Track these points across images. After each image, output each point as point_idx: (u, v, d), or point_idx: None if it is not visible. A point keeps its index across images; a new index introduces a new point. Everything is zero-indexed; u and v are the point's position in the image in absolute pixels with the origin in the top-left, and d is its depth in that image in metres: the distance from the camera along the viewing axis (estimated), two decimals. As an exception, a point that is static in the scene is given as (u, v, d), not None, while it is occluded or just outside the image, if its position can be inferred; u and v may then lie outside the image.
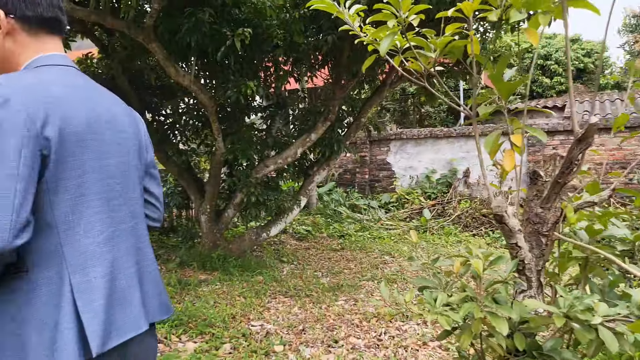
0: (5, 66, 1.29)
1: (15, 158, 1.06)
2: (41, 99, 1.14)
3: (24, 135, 1.08)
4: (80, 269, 1.18)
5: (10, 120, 1.08)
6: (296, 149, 6.00)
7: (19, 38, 1.27)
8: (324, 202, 10.13)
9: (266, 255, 6.68)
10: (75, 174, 1.18)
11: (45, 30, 1.30)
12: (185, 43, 4.63)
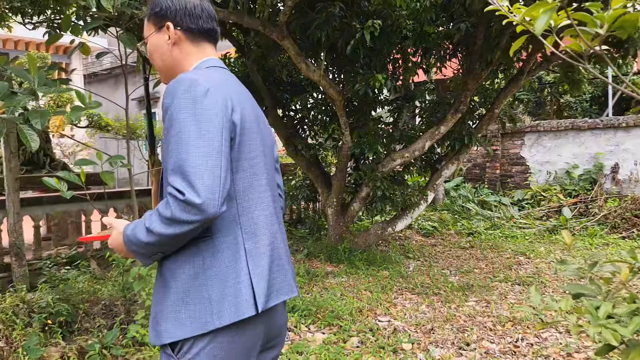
0: (171, 72, 1.50)
1: (219, 138, 1.25)
2: (227, 91, 1.34)
3: (223, 119, 1.27)
4: (252, 236, 1.37)
5: (213, 107, 1.27)
6: (424, 142, 5.83)
7: (184, 47, 1.48)
8: (450, 198, 9.77)
9: (392, 250, 6.60)
10: (249, 156, 1.38)
11: (204, 39, 1.50)
12: (315, 38, 4.70)
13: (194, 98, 1.26)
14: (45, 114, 2.67)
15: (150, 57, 1.50)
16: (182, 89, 1.27)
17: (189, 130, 1.23)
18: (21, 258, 5.26)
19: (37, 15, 4.95)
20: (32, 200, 5.67)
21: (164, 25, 1.46)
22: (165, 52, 1.47)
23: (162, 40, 1.47)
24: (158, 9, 1.47)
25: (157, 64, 1.50)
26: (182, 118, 1.25)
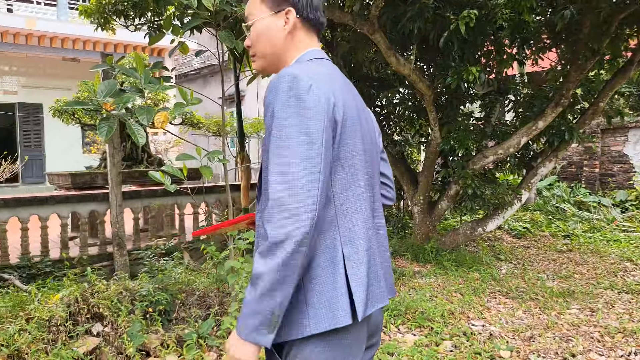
0: (274, 60, 1.43)
1: (321, 139, 1.19)
2: (330, 87, 1.27)
3: (325, 118, 1.21)
4: (350, 240, 1.29)
5: (316, 105, 1.21)
6: (519, 139, 5.51)
7: (297, 35, 1.41)
8: (543, 198, 9.23)
9: (481, 251, 6.32)
10: (349, 155, 1.29)
11: (316, 30, 1.45)
12: (407, 31, 4.57)
13: (297, 95, 1.20)
14: (151, 111, 2.77)
15: (256, 39, 1.41)
16: (285, 85, 1.21)
17: (290, 131, 1.18)
18: (122, 248, 5.58)
19: (138, 17, 5.21)
20: (132, 194, 6.00)
21: (284, 10, 1.38)
22: (277, 37, 1.39)
23: (276, 25, 1.38)
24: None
25: (262, 48, 1.40)
26: (283, 116, 1.20)
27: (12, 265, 5.14)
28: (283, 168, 1.16)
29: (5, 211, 5.19)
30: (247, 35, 1.45)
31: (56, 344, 3.20)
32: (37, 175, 15.34)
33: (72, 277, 4.44)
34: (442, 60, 5.12)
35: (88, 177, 6.60)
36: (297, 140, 1.18)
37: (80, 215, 5.67)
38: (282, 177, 1.16)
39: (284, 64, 1.41)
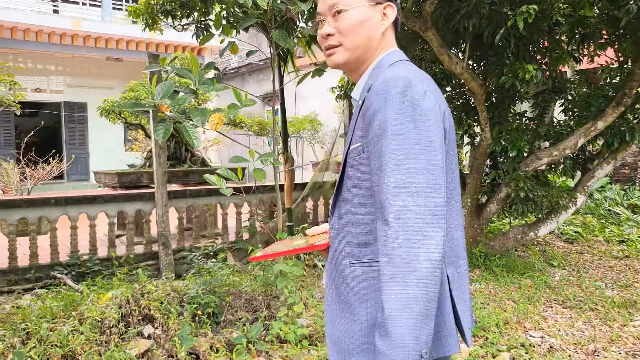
0: (362, 54, 1.30)
1: (441, 149, 1.09)
2: (436, 92, 1.17)
3: (442, 126, 1.12)
4: (453, 260, 1.21)
5: (433, 112, 1.10)
6: (577, 140, 5.26)
7: (388, 33, 1.32)
8: (595, 201, 8.84)
9: (533, 257, 6.08)
10: (450, 168, 1.19)
11: (395, 31, 1.36)
12: (461, 28, 4.40)
13: (412, 101, 1.09)
14: (205, 112, 2.72)
15: (349, 28, 1.26)
16: (398, 90, 1.10)
17: (409, 141, 1.06)
18: (167, 247, 5.61)
19: (185, 17, 5.20)
20: (177, 193, 6.02)
21: (382, 4, 1.28)
22: (374, 31, 1.27)
23: (374, 17, 1.27)
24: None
25: (354, 40, 1.27)
26: (398, 125, 1.08)
27: (62, 263, 5.23)
28: (405, 183, 1.04)
29: (56, 210, 5.28)
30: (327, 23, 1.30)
31: (109, 346, 3.20)
32: (82, 172, 15.76)
33: (121, 276, 4.47)
34: (496, 58, 4.92)
35: (134, 176, 6.67)
36: (417, 151, 1.06)
37: (126, 214, 5.72)
38: (405, 193, 1.04)
39: (367, 62, 1.30)
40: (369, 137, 1.13)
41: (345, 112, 7.40)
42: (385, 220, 1.05)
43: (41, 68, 15.43)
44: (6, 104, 6.31)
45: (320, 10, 1.32)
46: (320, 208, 7.32)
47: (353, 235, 1.20)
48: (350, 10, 1.26)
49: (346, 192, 1.23)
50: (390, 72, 1.16)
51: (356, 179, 1.20)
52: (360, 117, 1.19)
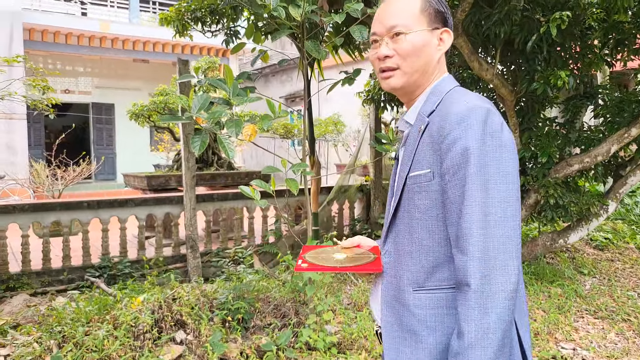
0: (418, 78, 1.31)
1: (517, 180, 1.12)
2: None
3: (517, 157, 1.15)
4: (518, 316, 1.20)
5: (510, 144, 1.14)
6: (609, 146, 5.16)
7: (442, 58, 1.33)
8: (625, 206, 8.67)
9: (562, 264, 5.99)
10: None
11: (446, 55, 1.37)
12: (492, 34, 4.36)
13: (492, 132, 1.11)
14: (240, 124, 2.75)
15: (410, 52, 1.27)
16: (479, 119, 1.12)
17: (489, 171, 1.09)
18: (195, 250, 5.68)
19: (215, 24, 5.26)
20: (205, 197, 6.10)
21: (442, 29, 1.30)
22: (432, 56, 1.29)
23: (432, 42, 1.29)
24: (442, 9, 1.31)
25: (413, 64, 1.27)
26: (480, 154, 1.10)
27: (94, 265, 5.34)
28: (484, 214, 1.07)
29: (88, 212, 5.39)
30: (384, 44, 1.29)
31: (142, 351, 3.26)
32: (109, 172, 16.05)
33: (152, 279, 4.55)
34: (527, 64, 4.86)
35: (162, 179, 6.77)
36: (495, 181, 1.08)
37: (155, 217, 5.82)
38: (484, 223, 1.07)
39: (422, 87, 1.31)
40: (446, 165, 1.15)
41: (371, 116, 7.38)
42: (465, 250, 1.08)
43: (70, 70, 15.75)
44: (40, 108, 6.47)
45: (377, 31, 1.31)
46: (345, 212, 7.33)
47: (418, 262, 1.21)
48: (411, 34, 1.26)
49: (408, 218, 1.24)
50: (465, 99, 1.18)
51: (423, 206, 1.20)
52: (428, 145, 1.20)
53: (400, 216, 1.27)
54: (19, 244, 5.37)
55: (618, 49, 5.04)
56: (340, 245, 1.54)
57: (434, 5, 1.29)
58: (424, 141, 1.21)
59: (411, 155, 1.24)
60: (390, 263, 1.30)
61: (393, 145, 3.84)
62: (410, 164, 1.24)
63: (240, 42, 3.81)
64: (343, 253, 1.50)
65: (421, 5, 1.28)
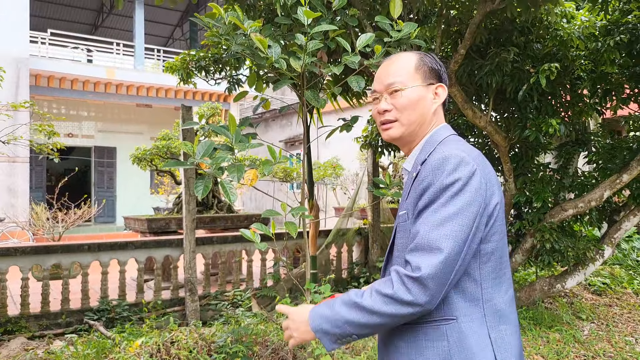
0: (415, 129, 1.43)
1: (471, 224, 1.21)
2: (485, 171, 1.29)
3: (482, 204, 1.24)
4: (495, 324, 1.28)
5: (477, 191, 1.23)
6: (602, 192, 5.27)
7: (438, 110, 1.45)
8: (622, 251, 8.71)
9: (560, 309, 5.99)
10: (497, 238, 1.30)
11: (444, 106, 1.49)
12: (484, 84, 4.55)
13: (461, 178, 1.22)
14: (241, 169, 2.86)
15: (405, 106, 1.40)
16: (450, 167, 1.23)
17: (448, 210, 1.20)
18: (194, 294, 5.69)
19: (218, 72, 5.47)
20: (204, 239, 6.15)
21: (436, 84, 1.43)
22: (427, 109, 1.41)
23: (427, 97, 1.41)
24: (436, 67, 1.44)
25: (409, 117, 1.40)
26: (444, 197, 1.21)
27: (92, 308, 5.33)
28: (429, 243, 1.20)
29: (89, 255, 5.43)
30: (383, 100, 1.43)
31: (140, 395, 3.25)
32: (109, 214, 16.09)
33: (150, 323, 4.55)
34: (520, 112, 5.04)
35: (163, 222, 6.84)
36: (451, 222, 1.19)
37: (155, 260, 5.85)
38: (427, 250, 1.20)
39: (420, 137, 1.43)
40: (418, 206, 1.27)
41: (369, 160, 7.53)
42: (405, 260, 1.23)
43: (74, 114, 16.06)
44: (45, 153, 6.61)
45: (377, 88, 1.46)
46: (343, 255, 7.36)
47: None
48: (406, 90, 1.40)
49: (396, 257, 1.35)
50: (446, 149, 1.30)
51: (400, 245, 1.32)
52: (413, 189, 1.31)
53: (392, 255, 1.40)
54: (17, 286, 5.39)
55: (607, 98, 5.23)
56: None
57: (428, 63, 1.43)
58: (413, 186, 1.33)
59: (404, 200, 1.37)
60: None
61: (390, 189, 3.94)
62: (402, 207, 1.37)
63: (242, 91, 3.96)
64: None
65: (416, 63, 1.42)
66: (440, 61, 1.48)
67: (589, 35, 4.61)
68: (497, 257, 1.30)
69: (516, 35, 4.72)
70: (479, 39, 4.61)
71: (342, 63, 3.18)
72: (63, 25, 18.23)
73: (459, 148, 1.30)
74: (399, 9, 2.99)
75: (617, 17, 4.79)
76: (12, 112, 7.79)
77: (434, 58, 1.46)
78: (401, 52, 1.50)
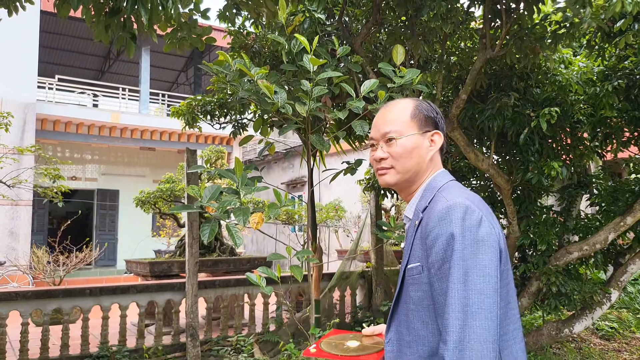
0: (412, 177, 1.44)
1: (496, 273, 1.19)
2: (489, 216, 1.29)
3: (497, 251, 1.23)
4: None
5: (489, 238, 1.22)
6: (606, 235, 5.25)
7: (435, 157, 1.45)
8: (629, 294, 8.59)
9: (569, 355, 5.86)
10: (504, 283, 1.28)
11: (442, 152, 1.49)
12: (486, 128, 4.61)
13: (470, 227, 1.22)
14: (247, 212, 2.87)
15: (401, 154, 1.41)
16: (457, 216, 1.23)
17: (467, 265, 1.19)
18: (195, 339, 5.59)
19: (223, 116, 5.56)
20: (207, 283, 6.09)
21: (432, 131, 1.44)
22: (423, 156, 1.42)
23: (423, 144, 1.42)
24: (432, 115, 1.45)
25: (405, 164, 1.41)
26: (459, 249, 1.20)
27: (92, 354, 5.23)
28: (462, 304, 1.16)
29: (90, 300, 5.38)
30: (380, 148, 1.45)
31: None
32: (110, 258, 15.99)
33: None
34: (521, 155, 5.09)
35: (165, 266, 6.79)
36: (473, 274, 1.18)
37: (157, 304, 5.78)
38: (462, 314, 1.15)
39: (417, 183, 1.44)
40: (431, 259, 1.25)
41: (372, 203, 7.54)
42: (445, 340, 1.15)
43: (78, 157, 16.20)
44: (49, 196, 6.64)
45: (374, 136, 1.48)
46: (347, 299, 7.27)
47: (415, 352, 1.28)
48: (402, 139, 1.41)
49: (406, 309, 1.32)
50: (449, 197, 1.30)
51: (416, 297, 1.29)
52: (419, 239, 1.31)
53: (400, 307, 1.36)
54: (16, 332, 5.30)
55: (607, 141, 5.29)
56: (363, 333, 1.60)
57: (424, 111, 1.45)
58: (417, 236, 1.33)
59: (409, 249, 1.35)
60: (392, 352, 1.36)
61: (394, 232, 3.94)
62: (408, 257, 1.34)
63: (247, 135, 4.02)
64: (359, 341, 1.55)
65: (412, 112, 1.44)
66: (437, 108, 1.50)
67: (587, 80, 4.71)
68: (506, 304, 1.29)
69: (516, 81, 4.83)
70: (480, 84, 4.72)
71: (346, 108, 3.25)
72: (70, 71, 18.65)
73: (462, 195, 1.30)
74: (401, 56, 3.08)
75: (614, 63, 4.90)
76: (17, 155, 7.88)
77: (430, 105, 1.48)
78: (398, 99, 1.52)
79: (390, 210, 10.19)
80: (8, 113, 6.40)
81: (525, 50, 4.05)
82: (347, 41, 4.55)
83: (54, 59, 18.61)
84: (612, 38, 4.53)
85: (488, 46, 4.19)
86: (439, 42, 4.68)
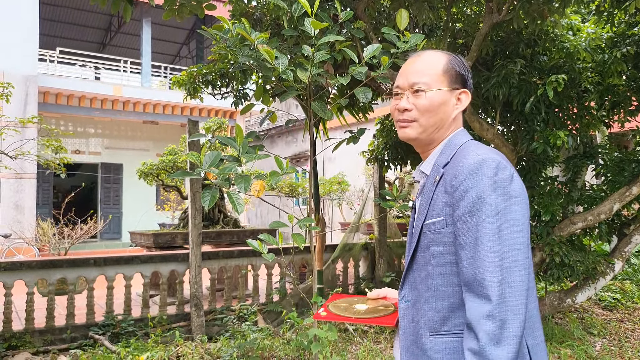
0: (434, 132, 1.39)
1: (527, 229, 1.19)
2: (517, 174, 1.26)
3: (527, 207, 1.22)
4: (531, 331, 1.23)
5: (520, 194, 1.21)
6: (611, 205, 5.21)
7: (459, 116, 1.41)
8: (632, 266, 8.59)
9: (571, 324, 5.89)
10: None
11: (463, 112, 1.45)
12: (491, 96, 4.54)
13: (503, 183, 1.19)
14: (248, 180, 2.84)
15: (427, 108, 1.35)
16: (490, 171, 1.19)
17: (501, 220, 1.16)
18: (199, 309, 5.64)
19: (225, 86, 5.49)
20: (210, 254, 6.12)
21: (461, 90, 1.39)
22: (448, 113, 1.37)
23: (450, 101, 1.37)
24: (464, 72, 1.40)
25: (429, 119, 1.36)
26: (491, 204, 1.17)
27: (97, 323, 5.29)
28: (498, 259, 1.14)
29: (94, 270, 5.41)
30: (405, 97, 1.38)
31: (145, 410, 3.20)
32: (115, 231, 16.10)
33: (155, 338, 4.50)
34: (527, 125, 5.02)
35: (169, 237, 6.82)
36: (507, 229, 1.15)
37: (161, 275, 5.82)
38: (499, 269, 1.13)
39: (437, 141, 1.40)
40: (457, 212, 1.21)
41: (375, 175, 7.51)
42: (481, 294, 1.13)
43: (81, 131, 16.17)
44: (52, 168, 6.64)
45: (400, 84, 1.40)
46: (350, 270, 7.30)
47: (434, 307, 1.26)
48: (431, 92, 1.35)
49: (424, 264, 1.29)
50: (479, 151, 1.26)
51: (437, 252, 1.26)
52: (441, 194, 1.27)
53: (417, 263, 1.32)
54: (22, 301, 5.36)
55: (614, 111, 5.20)
56: (367, 296, 1.57)
57: (456, 68, 1.38)
58: (438, 191, 1.29)
59: (427, 204, 1.31)
60: (407, 309, 1.34)
61: (397, 202, 3.91)
62: (427, 212, 1.30)
63: (249, 103, 3.97)
64: (366, 304, 1.53)
65: (444, 66, 1.37)
66: (468, 66, 1.43)
67: (595, 47, 4.61)
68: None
69: (522, 48, 4.73)
70: (485, 51, 4.62)
71: (349, 74, 3.18)
72: (72, 44, 18.47)
73: (492, 151, 1.27)
74: (405, 21, 3.00)
75: (623, 30, 4.79)
76: (20, 127, 7.85)
77: (462, 62, 1.42)
78: (431, 50, 1.44)
79: (394, 182, 10.16)
80: (8, 83, 6.35)
81: (532, 14, 3.94)
82: (350, 6, 4.45)
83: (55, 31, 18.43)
84: (621, 3, 4.41)
85: (494, 10, 4.09)
86: (444, 7, 4.58)
